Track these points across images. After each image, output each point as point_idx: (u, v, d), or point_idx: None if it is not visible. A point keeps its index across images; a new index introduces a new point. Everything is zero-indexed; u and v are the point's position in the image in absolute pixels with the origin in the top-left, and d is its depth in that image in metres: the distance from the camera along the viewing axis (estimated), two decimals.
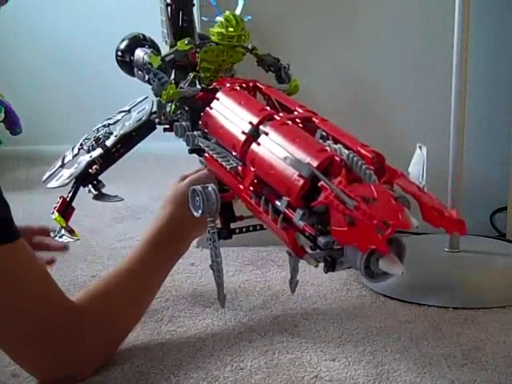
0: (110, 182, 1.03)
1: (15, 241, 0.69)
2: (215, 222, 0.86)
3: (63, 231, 0.99)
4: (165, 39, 1.01)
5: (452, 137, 1.09)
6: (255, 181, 0.75)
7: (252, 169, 0.74)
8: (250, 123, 0.77)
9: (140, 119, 1.01)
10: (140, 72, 0.99)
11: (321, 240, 0.66)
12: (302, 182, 0.65)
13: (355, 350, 0.83)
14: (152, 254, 0.87)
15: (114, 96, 2.66)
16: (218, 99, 0.85)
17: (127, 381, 0.76)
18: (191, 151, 0.92)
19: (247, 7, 0.92)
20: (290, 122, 0.74)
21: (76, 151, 1.03)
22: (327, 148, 0.67)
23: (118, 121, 1.06)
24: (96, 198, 1.01)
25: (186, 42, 0.92)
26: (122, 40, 1.05)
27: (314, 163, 0.65)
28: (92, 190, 1.00)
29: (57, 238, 0.99)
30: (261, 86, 0.88)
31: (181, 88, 0.91)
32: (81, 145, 1.03)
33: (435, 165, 0.74)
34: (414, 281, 1.03)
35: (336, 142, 0.70)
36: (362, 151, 0.67)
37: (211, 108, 0.85)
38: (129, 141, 1.01)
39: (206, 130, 0.87)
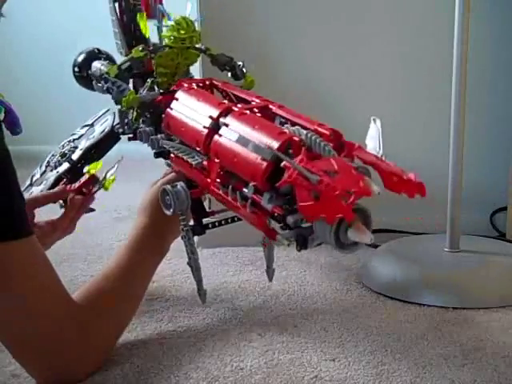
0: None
1: (23, 238, 0.69)
2: (187, 220, 0.88)
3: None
4: (119, 50, 1.02)
5: (452, 137, 1.09)
6: (221, 172, 0.77)
7: (216, 160, 0.76)
8: (210, 117, 0.79)
9: (103, 131, 1.02)
10: (99, 84, 0.99)
11: (290, 219, 0.68)
12: (265, 164, 0.68)
13: (355, 350, 0.83)
14: (135, 258, 0.88)
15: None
16: (177, 99, 0.87)
17: (127, 381, 0.76)
18: (157, 155, 0.93)
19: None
20: (248, 112, 0.77)
21: (43, 168, 1.03)
22: (286, 130, 0.69)
23: (83, 135, 1.06)
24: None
25: (140, 48, 0.93)
26: (79, 54, 1.06)
27: (275, 145, 0.68)
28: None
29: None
30: (217, 83, 0.91)
31: (140, 94, 0.92)
32: (47, 162, 1.03)
33: (435, 165, 0.75)
34: (414, 281, 1.03)
35: (294, 124, 0.73)
36: (320, 129, 0.70)
37: (171, 109, 0.87)
38: (94, 153, 1.02)
39: (168, 132, 0.88)
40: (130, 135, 0.98)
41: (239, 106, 0.80)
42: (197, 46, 0.94)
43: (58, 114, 2.70)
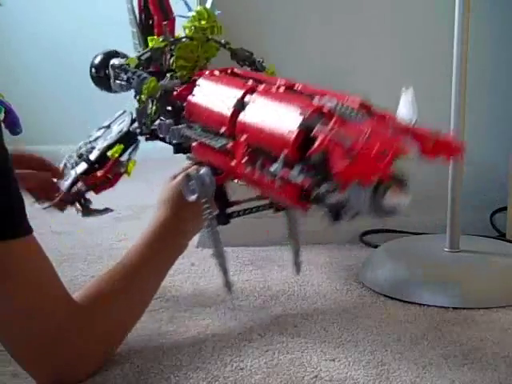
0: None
1: (22, 237, 0.69)
2: (212, 208, 0.86)
3: None
4: (137, 50, 1.01)
5: None
6: (247, 151, 0.75)
7: (243, 138, 0.75)
8: (235, 97, 0.78)
9: (121, 131, 1.01)
10: (118, 81, 0.98)
11: (322, 189, 0.67)
12: (295, 133, 0.67)
13: (355, 350, 0.83)
14: (150, 254, 0.86)
15: (115, 97, 2.67)
16: (198, 86, 0.86)
17: (127, 381, 0.76)
18: (176, 150, 0.92)
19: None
20: (273, 90, 0.76)
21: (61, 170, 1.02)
22: (314, 102, 0.69)
23: (99, 137, 1.05)
24: (84, 215, 1.01)
25: (161, 39, 0.93)
26: (95, 56, 1.05)
27: (305, 113, 0.67)
28: (79, 207, 1.00)
29: None
30: (239, 72, 0.90)
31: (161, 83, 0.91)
32: (64, 164, 1.03)
33: (435, 164, 0.75)
34: (414, 281, 1.03)
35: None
36: (349, 101, 0.68)
37: (193, 95, 0.86)
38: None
39: (191, 120, 0.87)
40: (148, 135, 0.98)
41: (263, 85, 0.79)
42: (216, 39, 0.94)
43: (58, 114, 2.70)
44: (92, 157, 1.00)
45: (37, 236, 0.72)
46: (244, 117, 0.75)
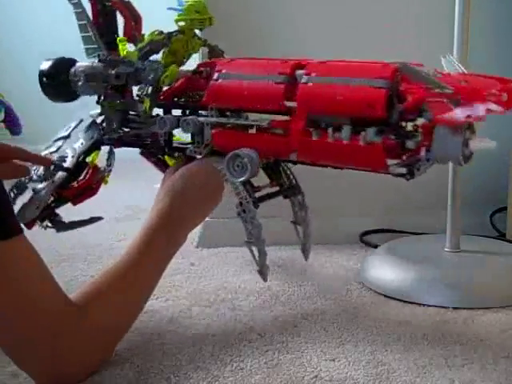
0: (111, 182, 1.03)
1: (12, 238, 0.69)
2: (245, 192, 0.85)
3: None
4: (92, 55, 0.99)
5: None
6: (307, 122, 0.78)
7: (307, 108, 0.77)
8: (281, 73, 0.80)
9: (92, 137, 0.99)
10: (91, 83, 0.96)
11: (410, 143, 0.72)
12: (383, 91, 0.71)
13: (355, 350, 0.83)
14: (148, 248, 0.85)
15: None
16: (220, 71, 0.86)
17: (127, 381, 0.76)
18: (169, 149, 0.93)
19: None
20: (325, 61, 0.79)
21: (25, 186, 0.96)
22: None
23: (60, 147, 1.01)
24: (60, 229, 0.98)
25: (157, 32, 0.93)
26: (46, 63, 1.02)
27: (387, 74, 0.71)
28: (49, 224, 0.97)
29: None
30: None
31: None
32: (28, 179, 0.96)
33: (435, 164, 0.75)
34: (414, 281, 1.03)
35: None
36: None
37: (217, 80, 0.85)
38: (84, 160, 0.99)
39: (217, 106, 0.86)
40: (115, 142, 0.98)
41: (306, 61, 0.81)
42: (199, 35, 0.94)
43: (58, 114, 2.70)
44: (69, 165, 0.96)
45: (37, 236, 0.72)
46: (306, 88, 0.77)
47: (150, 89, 0.91)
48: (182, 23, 0.92)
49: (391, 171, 0.73)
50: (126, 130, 0.97)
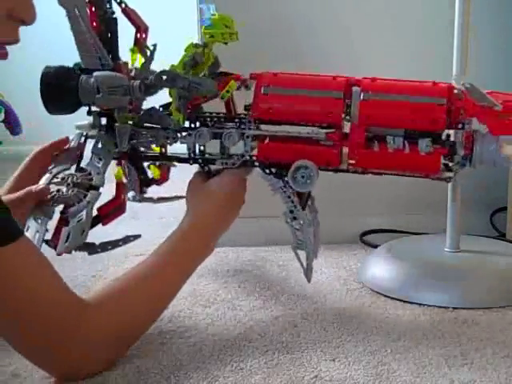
0: (111, 181, 1.02)
1: (14, 241, 0.68)
2: (296, 199, 0.89)
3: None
4: (93, 64, 0.95)
5: None
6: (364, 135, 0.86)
7: (367, 121, 0.85)
8: (338, 89, 0.87)
9: (110, 151, 0.96)
10: (112, 95, 0.91)
11: (460, 151, 0.85)
12: (444, 107, 0.83)
13: (355, 350, 0.83)
14: (182, 254, 0.86)
15: None
16: (267, 85, 0.88)
17: (127, 381, 0.76)
18: (195, 162, 0.92)
19: None
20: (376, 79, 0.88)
21: (51, 209, 0.90)
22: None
23: (80, 167, 0.95)
24: (92, 252, 0.94)
25: (193, 44, 0.92)
26: (47, 71, 0.98)
27: (445, 93, 0.84)
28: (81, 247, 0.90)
29: None
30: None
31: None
32: (54, 202, 0.90)
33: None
34: (414, 281, 1.03)
35: None
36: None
37: (266, 94, 0.88)
38: None
39: (268, 119, 0.89)
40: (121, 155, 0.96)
41: (356, 79, 0.88)
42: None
43: None
44: (99, 182, 0.91)
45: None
46: (366, 102, 0.85)
47: (182, 102, 0.90)
48: (209, 36, 0.91)
49: (441, 176, 0.86)
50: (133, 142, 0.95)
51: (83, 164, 0.95)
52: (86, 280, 1.12)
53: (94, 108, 0.97)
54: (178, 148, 0.95)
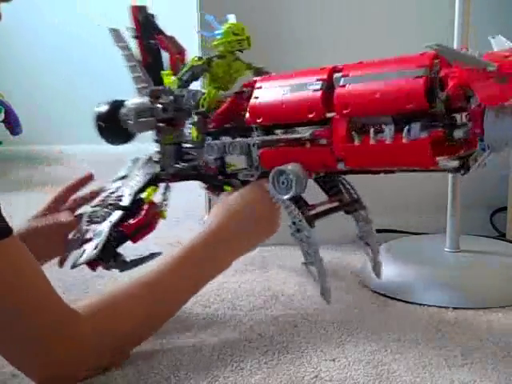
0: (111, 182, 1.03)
1: (4, 238, 0.68)
2: (297, 210, 0.83)
3: None
4: (143, 93, 0.99)
5: None
6: (350, 125, 0.75)
7: (345, 112, 0.73)
8: (320, 80, 0.77)
9: (148, 173, 0.99)
10: (141, 119, 0.96)
11: (458, 132, 0.67)
12: (422, 80, 0.66)
13: (355, 350, 0.83)
14: (187, 269, 0.84)
15: (114, 96, 2.67)
16: (259, 88, 0.84)
17: (127, 381, 0.76)
18: (222, 175, 0.92)
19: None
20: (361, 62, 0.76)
21: (85, 228, 0.96)
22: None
23: (119, 187, 1.01)
24: (123, 269, 0.96)
25: (197, 58, 0.92)
26: (101, 107, 1.02)
27: (425, 62, 0.67)
28: (113, 264, 0.94)
29: None
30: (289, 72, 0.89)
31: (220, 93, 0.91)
32: (88, 222, 0.97)
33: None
34: (414, 281, 1.03)
35: None
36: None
37: (257, 97, 0.84)
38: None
39: (259, 124, 0.85)
40: (172, 177, 0.98)
41: (343, 65, 0.77)
42: (242, 59, 0.93)
43: (58, 114, 2.71)
44: (125, 203, 0.95)
45: None
46: (343, 90, 0.74)
47: (196, 117, 0.90)
48: (221, 48, 0.90)
49: (443, 166, 0.69)
50: (183, 163, 0.97)
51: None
52: (85, 280, 1.12)
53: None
54: None
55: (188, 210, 1.44)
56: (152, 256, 0.96)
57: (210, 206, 1.34)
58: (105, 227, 0.93)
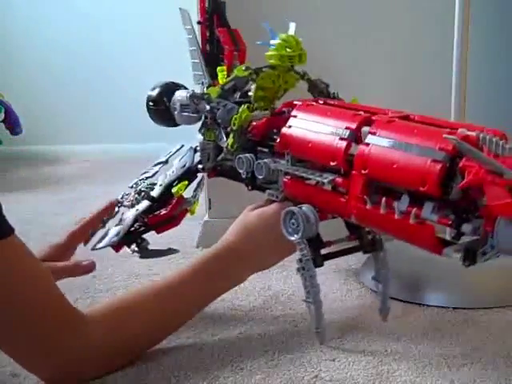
0: (111, 183, 1.03)
1: (6, 238, 0.68)
2: (307, 249, 0.81)
3: None
4: (198, 82, 0.99)
5: None
6: (366, 186, 0.71)
7: (364, 172, 0.71)
8: (348, 128, 0.74)
9: (184, 166, 0.99)
10: (185, 113, 0.97)
11: (467, 227, 0.64)
12: (438, 166, 0.62)
13: (355, 350, 0.83)
14: (199, 279, 0.84)
15: (114, 96, 2.67)
16: (295, 116, 0.83)
17: (127, 381, 0.76)
18: (252, 186, 0.90)
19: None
20: (395, 119, 0.72)
21: (116, 209, 0.99)
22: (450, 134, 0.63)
23: (157, 172, 1.03)
24: (142, 256, 0.97)
25: (244, 68, 0.90)
26: (153, 89, 1.03)
27: (448, 146, 0.62)
28: (135, 248, 0.96)
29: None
30: (333, 102, 0.86)
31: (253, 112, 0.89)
32: (119, 203, 0.99)
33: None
34: (414, 281, 1.03)
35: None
36: (486, 131, 0.64)
37: (289, 127, 0.82)
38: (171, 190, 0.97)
39: (282, 153, 0.84)
40: (211, 171, 0.97)
41: (377, 116, 0.74)
42: (296, 69, 0.91)
43: (58, 114, 2.71)
44: (154, 194, 0.96)
45: (37, 236, 0.71)
46: (366, 148, 0.71)
47: (237, 126, 0.88)
48: (272, 60, 0.89)
49: (446, 255, 0.67)
50: (222, 161, 0.96)
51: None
52: (85, 280, 1.12)
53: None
54: None
55: None
56: (170, 251, 0.97)
57: (210, 206, 1.34)
58: (130, 215, 0.94)
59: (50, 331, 0.71)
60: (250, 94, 0.90)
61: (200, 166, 0.99)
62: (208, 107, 0.92)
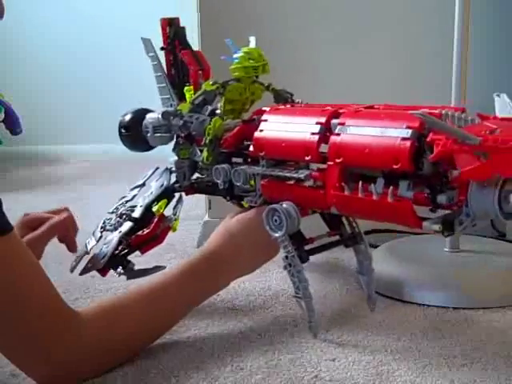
0: (111, 183, 1.03)
1: (5, 235, 0.68)
2: (291, 245, 0.84)
3: None
4: (167, 105, 1.01)
5: None
6: (342, 174, 0.75)
7: (338, 161, 0.74)
8: (318, 123, 0.78)
9: (162, 185, 1.01)
10: (157, 133, 0.99)
11: (442, 198, 0.67)
12: (408, 143, 0.67)
13: (355, 350, 0.83)
14: (187, 280, 0.86)
15: (114, 96, 2.67)
16: (265, 120, 0.86)
17: (127, 381, 0.76)
18: (231, 198, 0.93)
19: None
20: (361, 109, 0.76)
21: (98, 234, 1.00)
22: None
23: (135, 196, 1.04)
24: (130, 277, 0.98)
25: (211, 82, 0.93)
26: (124, 115, 1.04)
27: (415, 123, 0.67)
28: (121, 271, 0.96)
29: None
30: (297, 105, 0.90)
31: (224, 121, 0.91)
32: (102, 228, 1.00)
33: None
34: (414, 281, 1.03)
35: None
36: (448, 109, 0.68)
37: (261, 131, 0.85)
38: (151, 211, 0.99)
39: (257, 157, 0.87)
40: (187, 189, 1.00)
41: (344, 109, 0.78)
42: (260, 81, 0.94)
43: (58, 114, 2.71)
44: (136, 214, 0.98)
45: None
46: (337, 138, 0.75)
47: (208, 139, 0.91)
48: (236, 72, 0.92)
49: (426, 229, 0.69)
50: (198, 177, 0.99)
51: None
52: (85, 280, 1.11)
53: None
54: None
55: (188, 209, 1.44)
56: (156, 268, 0.98)
57: (210, 206, 1.34)
58: (114, 237, 0.96)
59: (45, 329, 0.71)
60: (218, 111, 0.93)
61: (177, 185, 1.01)
62: (181, 122, 0.94)
